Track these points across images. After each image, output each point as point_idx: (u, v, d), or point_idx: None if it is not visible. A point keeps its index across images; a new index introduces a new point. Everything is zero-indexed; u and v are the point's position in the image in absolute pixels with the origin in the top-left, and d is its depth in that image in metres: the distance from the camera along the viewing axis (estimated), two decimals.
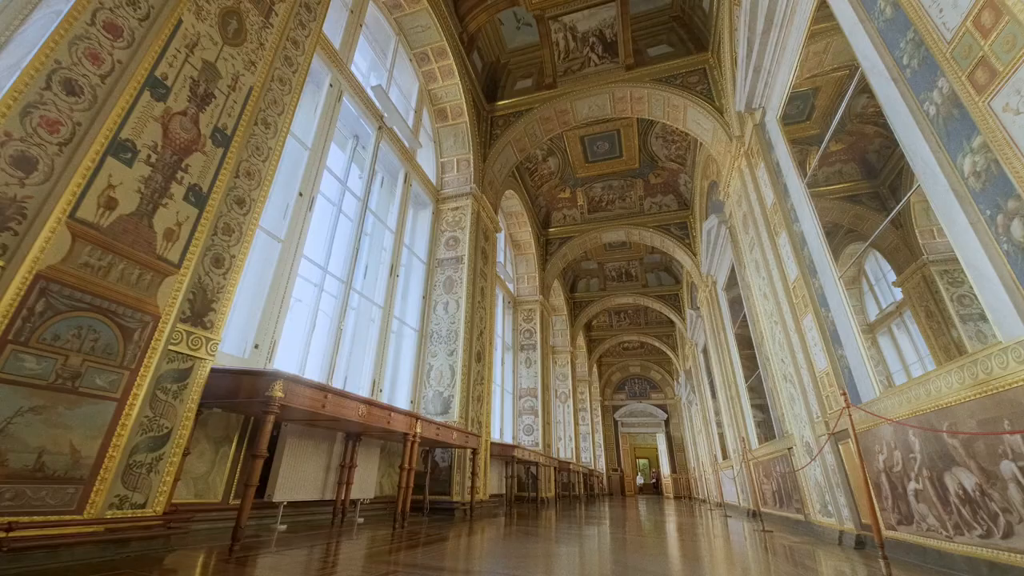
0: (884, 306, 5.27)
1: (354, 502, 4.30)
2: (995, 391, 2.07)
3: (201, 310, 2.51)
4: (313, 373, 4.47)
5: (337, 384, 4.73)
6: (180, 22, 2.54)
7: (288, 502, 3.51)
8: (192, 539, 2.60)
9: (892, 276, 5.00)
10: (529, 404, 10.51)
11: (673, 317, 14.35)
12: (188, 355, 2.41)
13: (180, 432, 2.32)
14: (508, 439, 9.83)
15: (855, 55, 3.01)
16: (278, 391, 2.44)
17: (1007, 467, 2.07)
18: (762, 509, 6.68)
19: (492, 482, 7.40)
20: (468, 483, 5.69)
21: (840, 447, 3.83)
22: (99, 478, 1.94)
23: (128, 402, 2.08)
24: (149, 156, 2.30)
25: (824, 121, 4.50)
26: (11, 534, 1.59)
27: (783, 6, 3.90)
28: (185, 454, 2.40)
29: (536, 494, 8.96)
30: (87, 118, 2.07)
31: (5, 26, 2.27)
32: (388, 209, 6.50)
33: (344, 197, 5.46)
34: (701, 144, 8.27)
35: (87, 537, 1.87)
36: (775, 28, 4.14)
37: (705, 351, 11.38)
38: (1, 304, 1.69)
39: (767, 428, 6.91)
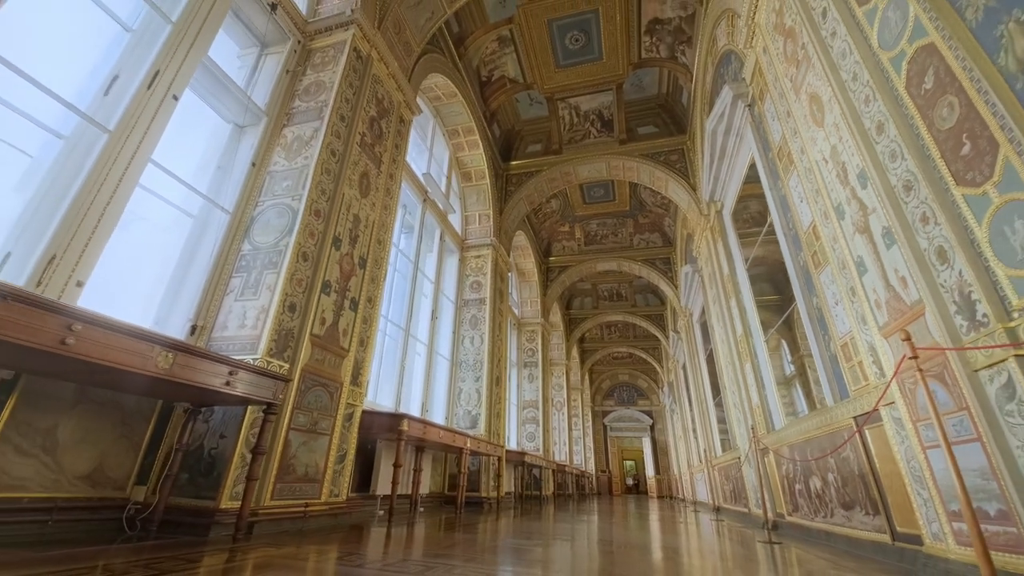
0: None
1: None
2: (825, 433, 3.68)
3: (356, 375, 4.04)
4: (383, 400, 5.99)
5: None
6: (343, 195, 4.07)
7: (383, 495, 5.04)
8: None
9: None
10: (531, 414, 12.09)
11: (658, 335, 16.03)
12: (352, 404, 3.94)
13: (350, 452, 3.86)
14: (513, 445, 11.39)
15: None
16: (405, 426, 3.99)
17: (831, 476, 3.68)
18: (722, 505, 8.34)
19: (506, 482, 8.96)
20: (492, 483, 7.25)
21: (765, 459, 5.46)
22: (325, 480, 3.47)
23: (332, 436, 3.61)
24: (335, 287, 3.83)
25: None
26: (307, 508, 3.12)
27: (731, 147, 5.51)
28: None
29: (540, 492, 10.55)
30: (311, 273, 3.60)
31: (243, 207, 3.78)
32: (425, 259, 8.03)
33: (397, 256, 6.99)
34: None
35: (323, 512, 3.40)
36: (727, 156, 5.75)
37: (684, 368, 13.04)
38: (294, 390, 3.22)
39: (728, 440, 8.55)
